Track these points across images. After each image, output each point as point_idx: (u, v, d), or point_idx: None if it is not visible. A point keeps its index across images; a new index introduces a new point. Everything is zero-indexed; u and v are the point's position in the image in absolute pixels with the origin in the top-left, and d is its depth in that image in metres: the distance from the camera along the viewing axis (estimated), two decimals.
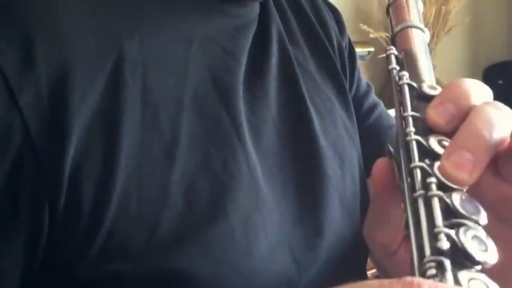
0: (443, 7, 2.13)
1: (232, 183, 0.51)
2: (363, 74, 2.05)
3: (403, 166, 0.36)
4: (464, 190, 0.35)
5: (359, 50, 2.02)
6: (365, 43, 2.01)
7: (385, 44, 2.18)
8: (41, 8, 0.47)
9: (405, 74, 0.41)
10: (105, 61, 0.48)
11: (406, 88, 0.40)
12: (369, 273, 0.71)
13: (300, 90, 0.61)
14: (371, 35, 1.97)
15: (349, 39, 0.71)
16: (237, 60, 0.56)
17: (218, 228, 0.49)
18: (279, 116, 0.58)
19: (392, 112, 0.54)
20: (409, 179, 0.35)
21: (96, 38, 0.48)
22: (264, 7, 0.61)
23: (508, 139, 0.37)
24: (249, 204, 0.52)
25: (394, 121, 0.50)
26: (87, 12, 0.49)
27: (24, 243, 0.45)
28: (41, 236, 0.45)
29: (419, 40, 0.45)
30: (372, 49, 2.01)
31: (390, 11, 0.48)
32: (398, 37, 0.45)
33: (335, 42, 0.68)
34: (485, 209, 0.40)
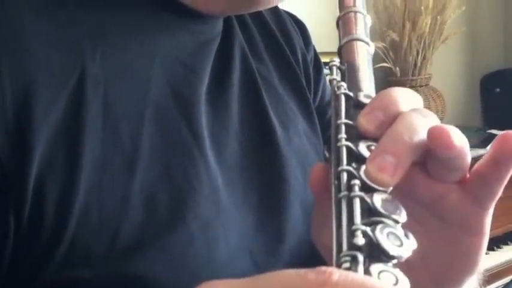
0: (438, 17, 2.15)
1: (192, 193, 0.53)
2: None
3: (332, 170, 0.39)
4: (388, 192, 0.38)
5: None
6: None
7: (382, 54, 2.20)
8: (5, 24, 0.49)
9: (343, 85, 0.44)
10: (68, 78, 0.50)
11: (343, 97, 0.43)
12: None
13: (262, 102, 0.63)
14: None
15: (315, 52, 0.73)
16: (198, 76, 0.58)
17: (178, 235, 0.51)
18: (240, 127, 0.60)
19: None
20: (336, 182, 0.38)
21: (60, 56, 0.50)
22: (227, 23, 0.63)
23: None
24: (209, 212, 0.54)
25: None
26: (51, 29, 0.50)
27: None
28: (6, 246, 0.47)
29: (363, 52, 0.47)
30: None
31: (339, 24, 0.50)
32: (343, 49, 0.48)
33: (299, 55, 0.70)
34: (423, 209, 0.43)
